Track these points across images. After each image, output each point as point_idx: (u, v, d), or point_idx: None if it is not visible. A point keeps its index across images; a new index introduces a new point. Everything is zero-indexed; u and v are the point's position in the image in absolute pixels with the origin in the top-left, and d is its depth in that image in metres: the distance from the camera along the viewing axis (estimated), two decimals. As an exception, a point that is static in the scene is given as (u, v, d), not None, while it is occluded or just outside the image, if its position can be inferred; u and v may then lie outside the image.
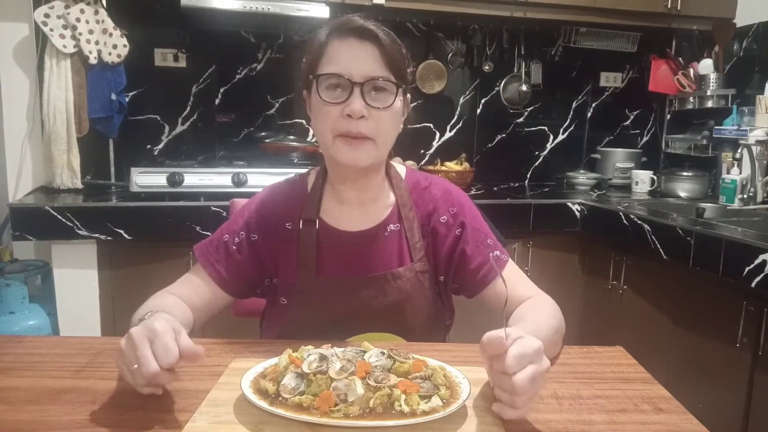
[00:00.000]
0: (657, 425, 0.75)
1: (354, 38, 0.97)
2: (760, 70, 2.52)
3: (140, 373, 0.72)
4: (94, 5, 2.21)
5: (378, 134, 0.98)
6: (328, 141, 0.99)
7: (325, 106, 0.97)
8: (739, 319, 1.65)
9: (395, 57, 0.98)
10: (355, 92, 0.95)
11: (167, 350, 0.73)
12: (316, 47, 1.00)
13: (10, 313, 2.10)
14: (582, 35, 2.80)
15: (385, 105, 0.97)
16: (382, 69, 0.97)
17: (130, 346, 0.74)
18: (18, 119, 2.30)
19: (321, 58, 0.99)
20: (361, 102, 0.95)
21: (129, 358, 0.74)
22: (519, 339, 0.72)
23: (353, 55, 0.96)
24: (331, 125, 0.97)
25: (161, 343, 0.73)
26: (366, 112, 0.96)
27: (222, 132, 2.66)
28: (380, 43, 0.97)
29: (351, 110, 0.95)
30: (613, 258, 2.23)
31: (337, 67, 0.96)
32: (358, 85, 0.95)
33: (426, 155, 2.87)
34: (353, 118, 0.95)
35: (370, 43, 0.97)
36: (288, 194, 1.11)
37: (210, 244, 1.09)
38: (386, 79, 0.97)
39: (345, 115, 0.96)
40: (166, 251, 2.01)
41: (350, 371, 0.75)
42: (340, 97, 0.96)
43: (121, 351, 0.75)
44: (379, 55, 0.97)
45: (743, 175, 2.32)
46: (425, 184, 1.13)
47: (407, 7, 2.45)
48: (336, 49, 0.98)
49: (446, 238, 1.09)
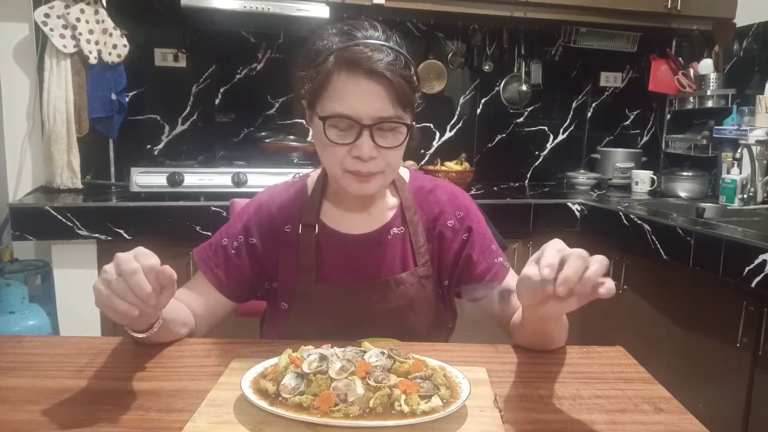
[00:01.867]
0: (657, 425, 0.75)
1: (362, 77, 0.90)
2: (760, 70, 2.52)
3: (118, 282, 0.75)
4: (94, 5, 2.21)
5: (387, 168, 0.96)
6: (338, 174, 0.97)
7: (332, 145, 0.93)
8: (739, 319, 1.65)
9: (405, 93, 0.92)
10: (364, 134, 0.91)
11: (148, 255, 0.77)
12: (321, 75, 0.92)
13: (10, 313, 2.11)
14: (582, 35, 2.80)
15: (395, 144, 0.94)
16: (391, 109, 0.91)
17: (112, 263, 0.77)
18: (18, 119, 2.30)
19: (326, 90, 0.92)
20: (371, 143, 0.92)
21: (109, 271, 0.76)
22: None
23: (361, 94, 0.91)
24: (339, 162, 0.95)
25: (143, 252, 0.77)
26: (375, 153, 0.93)
27: (222, 132, 2.66)
28: (390, 82, 0.90)
29: (360, 153, 0.92)
30: (613, 258, 2.23)
31: (345, 108, 0.91)
32: (367, 127, 0.91)
33: (426, 155, 2.87)
34: (363, 160, 0.93)
35: (379, 83, 0.90)
36: (287, 197, 1.10)
37: (209, 248, 1.08)
38: (397, 120, 0.92)
39: (354, 156, 0.93)
40: (166, 251, 1.97)
41: (350, 371, 0.75)
42: (348, 138, 0.92)
43: (102, 270, 0.77)
44: (388, 94, 0.91)
45: (743, 175, 2.32)
46: (430, 187, 1.12)
47: (407, 7, 2.45)
48: (343, 85, 0.91)
49: (453, 242, 1.08)
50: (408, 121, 0.94)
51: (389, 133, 0.93)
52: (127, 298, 0.75)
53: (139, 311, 0.76)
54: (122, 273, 0.74)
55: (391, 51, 0.92)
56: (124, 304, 0.75)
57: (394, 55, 0.92)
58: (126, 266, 0.74)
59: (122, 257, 0.76)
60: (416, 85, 0.96)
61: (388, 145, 0.93)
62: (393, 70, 0.91)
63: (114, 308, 0.76)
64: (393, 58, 0.92)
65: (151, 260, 0.76)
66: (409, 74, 0.94)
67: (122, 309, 0.75)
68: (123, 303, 0.75)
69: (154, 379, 0.84)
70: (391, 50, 0.92)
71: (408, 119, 0.95)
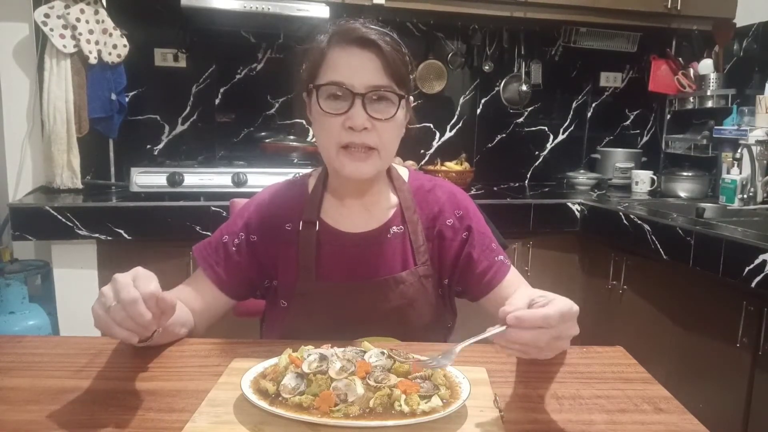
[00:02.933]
0: (657, 425, 0.75)
1: (355, 47, 0.95)
2: (760, 70, 2.52)
3: (117, 309, 0.73)
4: (94, 5, 2.21)
5: (381, 145, 0.97)
6: (332, 154, 0.98)
7: (326, 116, 0.95)
8: (739, 319, 1.65)
9: (398, 65, 0.96)
10: (357, 103, 0.93)
11: (148, 278, 0.75)
12: (316, 53, 0.97)
13: (10, 313, 2.11)
14: (582, 35, 2.80)
15: (387, 116, 0.96)
16: (384, 78, 0.95)
17: (110, 285, 0.76)
18: (18, 119, 2.30)
19: (321, 65, 0.96)
20: (363, 114, 0.94)
21: (107, 295, 0.75)
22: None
23: (354, 64, 0.94)
24: (334, 137, 0.96)
25: (142, 275, 0.75)
26: (369, 124, 0.94)
27: (222, 132, 2.66)
28: (382, 52, 0.94)
29: (353, 123, 0.94)
30: (613, 258, 2.23)
31: (338, 76, 0.94)
32: (360, 95, 0.93)
33: (426, 155, 2.87)
34: (356, 130, 0.94)
35: (372, 52, 0.94)
36: (288, 195, 1.10)
37: (209, 245, 1.08)
38: (388, 89, 0.95)
39: (347, 127, 0.94)
40: (166, 251, 2.01)
41: (350, 371, 0.75)
42: (341, 108, 0.94)
43: (100, 293, 0.76)
44: (381, 63, 0.94)
45: (743, 175, 2.32)
46: (429, 187, 1.12)
47: (407, 7, 2.45)
48: (337, 57, 0.95)
49: (452, 241, 1.09)
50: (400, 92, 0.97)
51: (383, 103, 0.96)
52: (125, 325, 0.74)
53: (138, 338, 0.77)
54: (121, 301, 0.73)
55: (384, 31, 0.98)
56: (123, 331, 0.75)
57: (388, 34, 0.98)
58: (125, 295, 0.73)
59: (121, 282, 0.74)
60: (409, 66, 1.00)
61: (380, 116, 0.95)
62: (385, 42, 0.96)
63: (112, 335, 0.76)
64: (387, 36, 0.97)
65: (150, 286, 0.75)
66: (402, 51, 0.98)
67: (121, 336, 0.76)
68: (122, 330, 0.75)
69: (154, 379, 0.84)
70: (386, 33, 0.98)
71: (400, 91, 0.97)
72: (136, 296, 0.73)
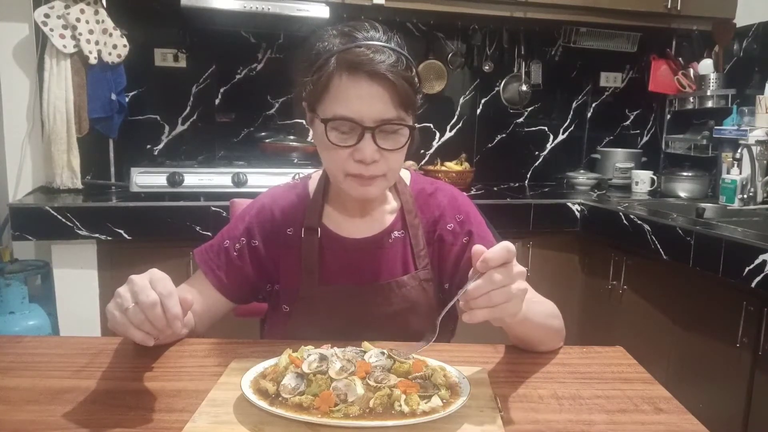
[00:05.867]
0: (657, 425, 0.75)
1: (364, 79, 0.89)
2: (760, 70, 2.52)
3: (135, 312, 0.73)
4: (94, 5, 2.21)
5: (389, 170, 0.96)
6: (339, 178, 0.96)
7: (333, 147, 0.93)
8: (739, 319, 1.65)
9: (408, 95, 0.92)
10: (366, 137, 0.90)
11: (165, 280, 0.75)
12: (322, 77, 0.91)
13: (10, 313, 2.11)
14: (582, 35, 2.80)
15: (397, 146, 0.93)
16: (393, 110, 0.91)
17: (127, 286, 0.76)
18: (18, 119, 2.30)
19: (327, 92, 0.91)
20: (373, 146, 0.91)
21: (124, 297, 0.75)
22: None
23: (363, 96, 0.90)
24: (341, 166, 0.94)
25: (159, 277, 0.75)
26: (378, 156, 0.92)
27: (222, 132, 2.66)
28: (393, 84, 0.89)
29: (362, 156, 0.91)
30: (613, 258, 2.23)
31: (347, 111, 0.90)
32: (370, 129, 0.90)
33: (426, 155, 2.87)
34: (365, 164, 0.92)
35: (381, 85, 0.89)
36: (289, 199, 1.10)
37: (210, 249, 1.08)
38: (399, 122, 0.92)
39: (356, 159, 0.92)
40: (166, 251, 2.01)
41: (350, 371, 0.75)
42: (350, 140, 0.91)
43: (116, 294, 0.76)
44: (390, 95, 0.90)
45: (743, 175, 2.32)
46: (430, 191, 1.12)
47: (407, 7, 2.45)
48: (345, 88, 0.90)
49: (453, 246, 1.08)
50: (410, 123, 0.94)
51: (391, 135, 0.93)
52: (143, 328, 0.74)
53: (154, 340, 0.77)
54: (140, 303, 0.73)
55: (392, 52, 0.91)
56: (141, 333, 0.75)
57: (395, 57, 0.91)
58: (144, 297, 0.73)
59: (139, 284, 0.74)
60: (418, 86, 0.96)
61: (390, 148, 0.93)
62: (395, 72, 0.90)
63: (129, 336, 0.76)
64: (395, 60, 0.91)
65: (167, 288, 0.75)
66: (411, 75, 0.94)
67: (138, 338, 0.75)
68: (139, 333, 0.75)
69: (154, 379, 0.84)
70: (392, 52, 0.92)
71: (410, 121, 0.94)
72: (156, 300, 0.73)
